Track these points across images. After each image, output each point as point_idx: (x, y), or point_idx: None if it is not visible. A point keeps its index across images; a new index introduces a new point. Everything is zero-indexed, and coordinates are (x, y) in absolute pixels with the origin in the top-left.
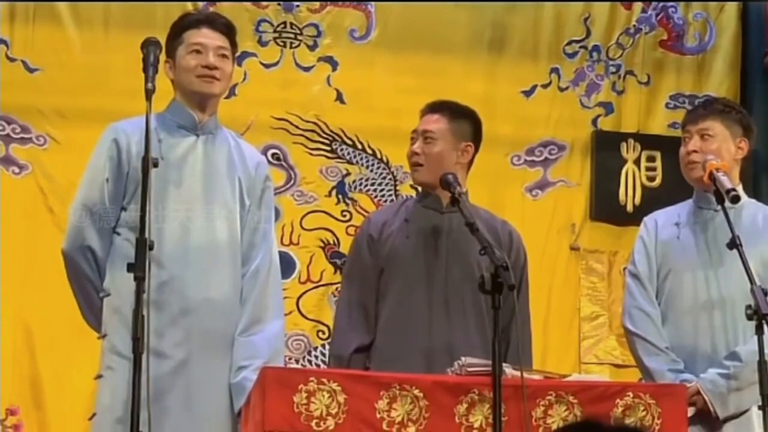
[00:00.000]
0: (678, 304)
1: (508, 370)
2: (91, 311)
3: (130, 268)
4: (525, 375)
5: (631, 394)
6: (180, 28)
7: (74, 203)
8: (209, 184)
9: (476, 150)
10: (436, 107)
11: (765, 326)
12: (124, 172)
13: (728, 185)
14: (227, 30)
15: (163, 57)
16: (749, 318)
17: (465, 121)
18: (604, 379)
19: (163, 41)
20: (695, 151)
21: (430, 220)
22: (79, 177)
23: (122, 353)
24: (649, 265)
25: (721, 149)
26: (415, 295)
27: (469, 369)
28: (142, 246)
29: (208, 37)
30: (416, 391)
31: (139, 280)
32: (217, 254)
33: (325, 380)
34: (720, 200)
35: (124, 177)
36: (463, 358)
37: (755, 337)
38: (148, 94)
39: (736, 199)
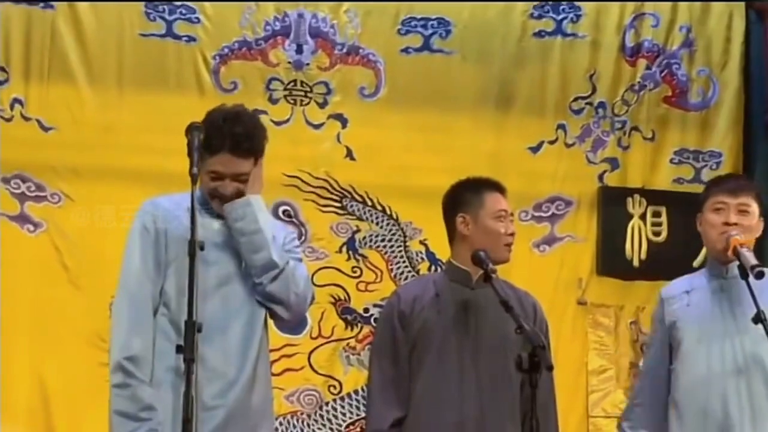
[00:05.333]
0: (695, 371)
1: None
2: None
3: (180, 350)
4: None
5: None
6: None
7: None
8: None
9: None
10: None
11: None
12: (162, 253)
13: (753, 261)
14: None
15: None
16: None
17: None
18: None
19: (177, 101)
20: (736, 224)
21: (460, 294)
22: (92, 234)
23: None
24: (660, 351)
25: (752, 227)
26: (447, 369)
27: None
28: (191, 329)
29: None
30: None
31: (189, 362)
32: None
33: None
34: (744, 275)
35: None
36: None
37: None
38: (194, 178)
39: (760, 275)
